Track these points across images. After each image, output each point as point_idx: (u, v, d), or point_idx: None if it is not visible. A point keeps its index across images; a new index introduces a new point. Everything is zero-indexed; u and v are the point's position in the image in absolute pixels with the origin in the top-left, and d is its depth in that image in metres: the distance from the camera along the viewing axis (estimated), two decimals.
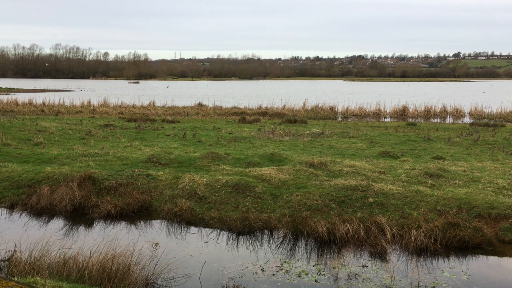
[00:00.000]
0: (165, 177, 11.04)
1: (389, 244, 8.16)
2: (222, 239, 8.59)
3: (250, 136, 19.17)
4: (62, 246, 7.27)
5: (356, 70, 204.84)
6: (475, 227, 8.34)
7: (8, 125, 19.67)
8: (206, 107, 36.61)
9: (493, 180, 10.88)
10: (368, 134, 20.32)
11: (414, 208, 9.18)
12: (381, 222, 8.60)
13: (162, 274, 6.77)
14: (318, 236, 8.43)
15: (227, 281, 6.76)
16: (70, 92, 68.25)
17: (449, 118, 32.52)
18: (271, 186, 10.39)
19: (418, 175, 11.08)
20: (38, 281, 5.23)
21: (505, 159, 14.16)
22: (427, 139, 18.40)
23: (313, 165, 11.84)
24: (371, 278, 6.96)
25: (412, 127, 24.29)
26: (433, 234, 8.19)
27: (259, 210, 9.47)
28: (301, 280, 6.89)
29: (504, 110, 33.46)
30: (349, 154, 14.84)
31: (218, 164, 12.29)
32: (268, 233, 8.79)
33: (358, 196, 9.58)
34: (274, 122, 26.15)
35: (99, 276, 6.06)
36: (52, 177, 10.97)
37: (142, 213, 9.83)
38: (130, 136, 18.72)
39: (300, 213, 9.15)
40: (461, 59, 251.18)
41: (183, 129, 21.42)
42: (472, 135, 19.74)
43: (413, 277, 7.02)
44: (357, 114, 33.70)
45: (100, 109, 33.42)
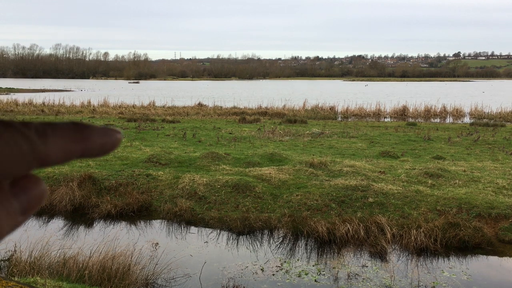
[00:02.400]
0: (165, 177, 11.04)
1: (389, 244, 8.16)
2: (222, 239, 8.59)
3: (250, 136, 19.17)
4: (62, 246, 7.27)
5: (356, 70, 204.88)
6: (475, 227, 8.34)
7: None
8: (206, 107, 36.60)
9: (493, 180, 10.88)
10: (368, 134, 20.32)
11: (414, 208, 9.18)
12: (381, 222, 8.60)
13: (162, 274, 6.77)
14: (318, 236, 8.43)
15: (227, 281, 6.76)
16: (70, 92, 68.26)
17: (449, 118, 32.51)
18: (271, 186, 10.39)
19: (418, 175, 11.08)
20: (38, 281, 5.23)
21: (505, 159, 14.16)
22: (427, 139, 18.40)
23: (313, 165, 11.84)
24: (371, 278, 6.96)
25: (412, 127, 24.29)
26: (433, 234, 8.19)
27: (259, 210, 9.47)
28: (301, 280, 6.89)
29: (504, 110, 33.45)
30: (349, 154, 14.84)
31: (218, 164, 12.29)
32: (268, 233, 8.79)
33: (358, 196, 9.58)
34: (274, 122, 26.16)
35: (99, 276, 6.06)
36: (52, 177, 10.96)
37: (142, 213, 9.83)
38: (130, 136, 18.72)
39: (300, 213, 9.15)
40: (461, 59, 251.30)
41: (183, 129, 21.42)
42: (472, 135, 19.74)
43: (413, 277, 7.01)
44: (357, 114, 33.69)
45: (100, 109, 33.42)
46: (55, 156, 0.35)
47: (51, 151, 0.35)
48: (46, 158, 0.35)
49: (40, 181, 0.37)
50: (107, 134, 0.38)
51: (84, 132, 0.37)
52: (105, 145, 0.38)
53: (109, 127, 0.39)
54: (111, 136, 0.38)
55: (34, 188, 0.36)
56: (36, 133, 0.34)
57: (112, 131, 0.39)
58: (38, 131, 0.35)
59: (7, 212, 0.35)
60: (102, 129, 0.38)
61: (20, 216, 0.36)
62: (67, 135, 0.36)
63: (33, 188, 0.36)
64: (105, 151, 0.38)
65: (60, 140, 0.35)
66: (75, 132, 0.36)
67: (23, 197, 0.36)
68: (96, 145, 0.37)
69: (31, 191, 0.36)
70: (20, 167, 0.34)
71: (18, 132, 0.34)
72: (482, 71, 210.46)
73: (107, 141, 0.38)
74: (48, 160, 0.35)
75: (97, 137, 0.37)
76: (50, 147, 0.34)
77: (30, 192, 0.36)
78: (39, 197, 0.37)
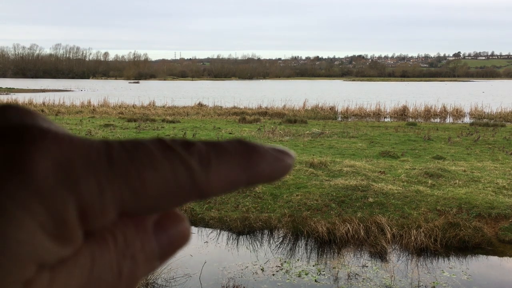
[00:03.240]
0: None
1: (389, 244, 8.16)
2: (222, 239, 8.59)
3: (250, 136, 19.18)
4: None
5: (356, 70, 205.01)
6: (475, 227, 8.35)
7: None
8: (206, 107, 36.60)
9: (493, 180, 10.88)
10: (368, 134, 20.33)
11: (414, 208, 9.18)
12: (381, 222, 8.60)
13: (162, 274, 6.77)
14: (318, 236, 8.43)
15: (227, 281, 6.77)
16: (70, 92, 68.29)
17: (449, 118, 32.51)
18: (271, 186, 10.39)
19: (418, 175, 11.08)
20: None
21: (505, 159, 14.17)
22: (427, 139, 18.40)
23: (313, 165, 11.85)
24: (371, 278, 6.96)
25: (412, 127, 24.30)
26: (433, 234, 8.19)
27: (259, 210, 9.48)
28: (301, 280, 6.89)
29: (504, 110, 33.45)
30: (349, 154, 14.85)
31: None
32: (268, 233, 8.80)
33: (358, 196, 9.59)
34: (274, 122, 26.17)
35: None
36: None
37: None
38: (130, 136, 18.72)
39: (300, 213, 9.15)
40: (461, 59, 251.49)
41: (183, 129, 21.43)
42: (472, 135, 19.74)
43: (413, 277, 7.02)
44: (357, 114, 33.69)
45: (100, 109, 33.43)
46: (216, 187, 0.28)
47: (213, 182, 0.28)
48: (206, 191, 0.28)
49: (184, 219, 0.30)
50: (278, 160, 0.30)
51: (252, 158, 0.29)
52: (275, 173, 0.30)
53: (282, 149, 0.31)
54: (282, 161, 0.30)
55: (177, 227, 0.30)
56: (199, 161, 0.27)
57: (284, 154, 0.31)
58: (201, 158, 0.27)
59: (146, 258, 0.28)
60: (273, 154, 0.30)
61: (157, 261, 0.29)
62: (233, 161, 0.28)
63: (177, 227, 0.30)
64: (273, 179, 0.30)
65: (224, 169, 0.28)
66: (242, 158, 0.29)
67: (164, 239, 0.29)
68: (264, 174, 0.29)
69: (174, 231, 0.29)
70: (174, 202, 0.27)
71: (179, 158, 0.27)
72: (482, 71, 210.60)
73: (277, 168, 0.30)
74: (208, 192, 0.28)
75: (267, 165, 0.29)
76: (213, 178, 0.28)
77: (172, 231, 0.29)
78: (181, 239, 0.30)
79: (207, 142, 0.29)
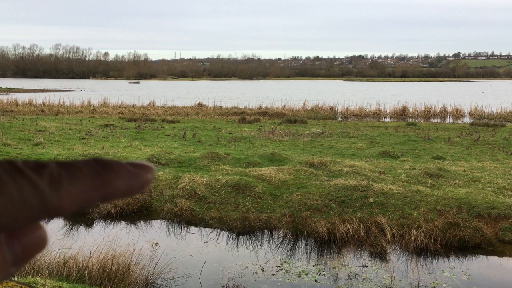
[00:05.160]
0: (165, 177, 11.04)
1: (389, 244, 8.16)
2: (222, 239, 8.59)
3: (250, 136, 19.18)
4: (62, 246, 7.26)
5: (356, 70, 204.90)
6: (475, 227, 8.35)
7: (8, 125, 19.67)
8: (206, 107, 36.59)
9: (493, 180, 10.88)
10: (368, 134, 20.33)
11: (414, 208, 9.18)
12: (381, 222, 8.60)
13: (162, 274, 6.77)
14: (318, 236, 8.43)
15: (227, 281, 6.76)
16: (70, 92, 68.25)
17: (449, 118, 32.51)
18: (271, 186, 10.39)
19: (418, 175, 11.08)
20: (38, 281, 5.23)
21: (505, 159, 14.16)
22: (427, 139, 18.40)
23: (313, 165, 11.84)
24: (371, 278, 6.96)
25: (412, 127, 24.29)
26: (433, 234, 8.19)
27: (259, 210, 9.47)
28: (301, 280, 6.89)
29: (504, 110, 33.45)
30: (349, 154, 14.84)
31: (218, 164, 12.29)
32: (268, 233, 8.79)
33: (358, 196, 9.58)
34: (274, 122, 26.15)
35: (99, 276, 6.06)
36: None
37: (142, 213, 9.83)
38: (130, 136, 18.72)
39: (300, 213, 9.15)
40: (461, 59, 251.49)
41: (183, 129, 21.42)
42: (472, 135, 19.74)
43: (413, 277, 7.01)
44: (357, 114, 33.69)
45: (100, 109, 33.42)
46: (68, 206, 0.30)
47: (64, 202, 0.30)
48: (57, 210, 0.30)
49: (40, 227, 0.32)
50: (134, 177, 0.32)
51: (106, 177, 0.31)
52: (132, 188, 0.32)
53: (140, 163, 0.32)
54: (138, 178, 0.32)
55: (31, 236, 0.31)
56: (49, 182, 0.29)
57: (142, 170, 0.32)
58: (52, 179, 0.29)
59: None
60: (129, 170, 0.32)
61: (12, 267, 0.31)
62: (85, 181, 0.30)
63: (31, 235, 0.31)
64: (131, 194, 0.32)
65: (77, 188, 0.30)
66: (95, 177, 0.30)
67: (17, 248, 0.31)
68: (119, 191, 0.31)
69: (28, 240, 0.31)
70: (23, 221, 0.29)
71: (27, 180, 0.29)
72: (482, 71, 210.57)
73: (134, 184, 0.32)
74: (59, 211, 0.30)
75: (122, 182, 0.31)
76: (64, 197, 0.29)
77: (26, 240, 0.31)
78: (36, 246, 0.32)
79: (61, 163, 0.30)
